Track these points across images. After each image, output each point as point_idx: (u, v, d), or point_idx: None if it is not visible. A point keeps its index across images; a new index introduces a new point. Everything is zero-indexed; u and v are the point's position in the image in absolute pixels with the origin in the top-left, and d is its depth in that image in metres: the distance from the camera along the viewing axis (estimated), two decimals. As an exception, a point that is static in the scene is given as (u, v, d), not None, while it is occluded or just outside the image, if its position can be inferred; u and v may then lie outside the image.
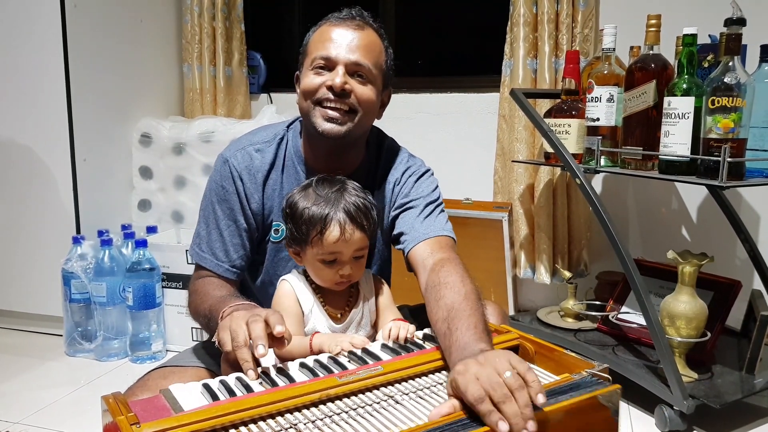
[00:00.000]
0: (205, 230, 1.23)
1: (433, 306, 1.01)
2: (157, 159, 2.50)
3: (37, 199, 2.28)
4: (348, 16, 1.17)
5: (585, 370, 0.86)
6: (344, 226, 1.07)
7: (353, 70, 1.14)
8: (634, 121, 1.70)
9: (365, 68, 1.14)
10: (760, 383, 1.68)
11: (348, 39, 1.14)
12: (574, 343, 1.92)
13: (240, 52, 2.76)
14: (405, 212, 1.23)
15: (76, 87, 2.23)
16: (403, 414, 0.81)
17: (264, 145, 1.24)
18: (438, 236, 1.18)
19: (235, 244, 1.21)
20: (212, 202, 1.23)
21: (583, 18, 2.23)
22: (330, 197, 1.09)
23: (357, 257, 1.11)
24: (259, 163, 1.22)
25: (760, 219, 2.21)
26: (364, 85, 1.15)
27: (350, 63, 1.13)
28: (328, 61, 1.14)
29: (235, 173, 1.21)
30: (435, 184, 1.28)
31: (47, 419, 1.75)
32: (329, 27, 1.16)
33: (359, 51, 1.14)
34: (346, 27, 1.15)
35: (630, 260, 1.64)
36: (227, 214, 1.21)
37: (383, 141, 1.33)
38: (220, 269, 1.21)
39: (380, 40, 1.20)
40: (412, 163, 1.30)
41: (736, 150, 1.48)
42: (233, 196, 1.21)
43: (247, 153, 1.22)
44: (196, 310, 1.16)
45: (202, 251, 1.22)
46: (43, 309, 2.34)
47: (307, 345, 1.04)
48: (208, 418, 0.75)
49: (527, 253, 2.39)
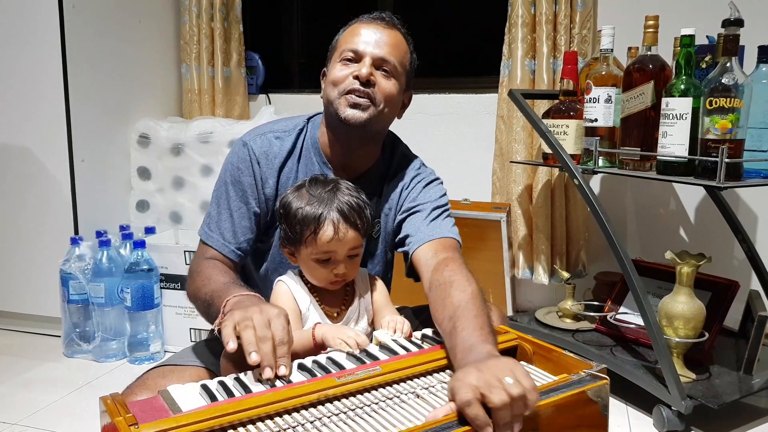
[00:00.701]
0: (216, 210, 1.24)
1: (439, 305, 1.01)
2: (156, 160, 2.50)
3: (35, 199, 2.28)
4: (378, 17, 1.22)
5: (583, 371, 0.86)
6: (338, 226, 1.08)
7: (379, 65, 1.18)
8: (632, 122, 1.70)
9: (391, 64, 1.19)
10: (758, 383, 1.69)
11: (376, 36, 1.19)
12: (573, 344, 1.92)
13: (238, 53, 2.76)
14: (411, 216, 1.25)
15: (74, 87, 2.23)
16: (401, 415, 0.81)
17: (284, 134, 1.26)
18: (443, 237, 1.19)
19: (244, 226, 1.22)
20: (226, 182, 1.24)
21: (581, 19, 2.23)
22: (323, 197, 1.10)
23: (351, 256, 1.12)
24: (277, 149, 1.24)
25: (758, 219, 2.21)
26: (388, 80, 1.19)
27: (377, 57, 1.18)
28: (356, 54, 1.18)
29: (253, 156, 1.23)
30: (443, 192, 1.30)
31: (45, 420, 1.75)
32: (359, 25, 1.22)
33: (386, 47, 1.19)
34: (376, 25, 1.21)
35: (628, 261, 1.65)
36: (239, 195, 1.23)
37: (398, 146, 1.35)
38: (226, 249, 1.21)
39: (406, 43, 1.25)
40: (422, 170, 1.32)
41: (734, 151, 1.49)
42: (248, 178, 1.22)
43: (267, 139, 1.25)
44: (195, 292, 1.15)
45: (210, 230, 1.23)
46: (41, 310, 2.34)
47: (309, 337, 1.04)
48: (206, 419, 0.75)
49: (525, 254, 2.40)
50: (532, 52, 2.30)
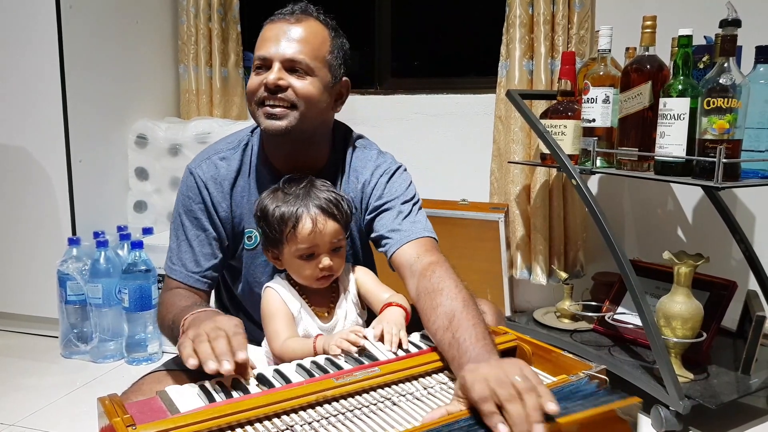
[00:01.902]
0: (176, 243, 1.23)
1: (430, 313, 0.99)
2: (153, 160, 2.49)
3: (32, 200, 2.27)
4: (287, 11, 1.16)
5: (582, 372, 0.86)
6: (316, 218, 1.08)
7: (290, 66, 1.12)
8: (629, 122, 1.71)
9: (303, 63, 1.12)
10: (756, 383, 1.69)
11: (283, 35, 1.13)
12: (571, 344, 1.92)
13: (236, 53, 2.76)
14: (381, 214, 1.21)
15: (72, 88, 2.22)
16: (399, 416, 0.81)
17: (229, 153, 1.24)
18: (421, 237, 1.16)
19: (206, 253, 1.21)
20: (180, 213, 1.23)
21: (579, 19, 2.23)
22: (299, 194, 1.11)
23: (335, 249, 1.11)
24: (225, 171, 1.22)
25: (756, 219, 2.21)
26: (303, 79, 1.13)
27: (285, 59, 1.12)
28: (264, 60, 1.13)
29: (201, 183, 1.20)
30: (408, 181, 1.25)
31: (43, 421, 1.74)
32: (267, 25, 1.16)
33: (295, 45, 1.12)
34: (283, 22, 1.14)
35: (626, 261, 1.65)
36: (195, 224, 1.21)
37: (350, 138, 1.29)
38: (191, 280, 1.20)
39: (325, 30, 1.17)
40: (381, 161, 1.26)
41: (732, 151, 1.49)
42: (199, 205, 1.20)
43: (212, 162, 1.22)
44: (162, 322, 1.16)
45: (173, 263, 1.22)
46: (38, 311, 2.33)
47: (311, 347, 1.04)
48: (204, 420, 0.75)
49: (523, 254, 2.40)
50: (530, 53, 2.30)
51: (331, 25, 1.19)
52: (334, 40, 1.18)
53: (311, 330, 1.12)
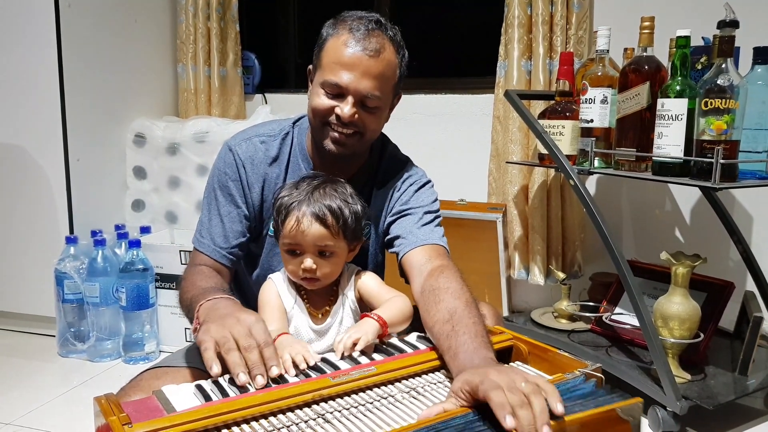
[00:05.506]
0: (207, 216, 1.24)
1: (431, 308, 1.00)
2: (151, 159, 2.49)
3: (30, 199, 2.27)
4: (365, 34, 1.12)
5: (578, 370, 0.86)
6: (301, 218, 1.08)
7: (363, 101, 1.14)
8: (627, 123, 1.71)
9: (376, 101, 1.14)
10: (753, 384, 1.69)
11: (362, 67, 1.11)
12: (568, 344, 1.92)
13: (235, 53, 2.76)
14: (402, 218, 1.23)
15: (70, 87, 2.22)
16: (395, 414, 0.81)
17: (269, 138, 1.25)
18: (435, 244, 1.18)
19: (235, 231, 1.22)
20: (214, 188, 1.24)
21: (577, 20, 2.24)
22: (304, 191, 1.11)
23: (321, 253, 1.10)
24: (262, 155, 1.24)
25: (753, 220, 2.22)
26: (372, 114, 1.16)
27: (361, 95, 1.13)
28: (338, 88, 1.13)
29: (239, 161, 1.22)
30: (435, 196, 1.29)
31: (39, 420, 1.74)
32: (346, 46, 1.12)
33: (372, 82, 1.12)
34: (363, 51, 1.11)
35: (623, 261, 1.65)
36: (228, 199, 1.22)
37: (386, 147, 1.33)
38: (217, 254, 1.21)
39: (396, 56, 1.17)
40: (413, 172, 1.30)
41: (729, 151, 1.49)
42: (235, 182, 1.22)
43: (252, 144, 1.24)
44: (181, 298, 1.16)
45: (202, 236, 1.23)
46: (35, 309, 2.33)
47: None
48: (200, 419, 0.75)
49: (521, 254, 2.40)
50: (528, 53, 2.30)
51: (399, 42, 1.18)
52: (401, 61, 1.19)
53: (301, 328, 1.12)
